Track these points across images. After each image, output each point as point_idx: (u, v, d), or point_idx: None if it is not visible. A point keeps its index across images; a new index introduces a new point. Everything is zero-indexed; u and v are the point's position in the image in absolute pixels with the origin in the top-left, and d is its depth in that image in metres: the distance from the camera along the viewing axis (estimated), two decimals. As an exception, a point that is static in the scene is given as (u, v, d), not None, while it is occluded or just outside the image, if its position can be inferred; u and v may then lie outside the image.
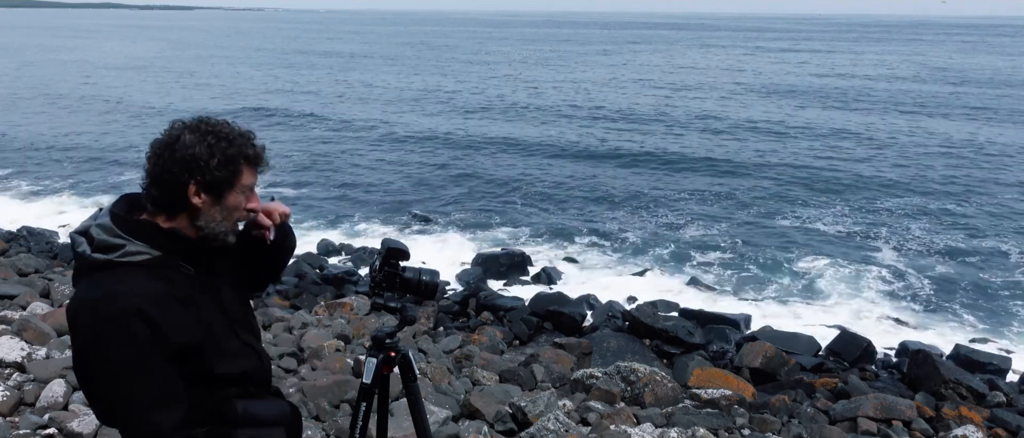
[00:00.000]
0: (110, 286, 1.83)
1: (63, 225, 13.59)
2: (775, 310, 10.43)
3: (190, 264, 1.97)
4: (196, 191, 1.92)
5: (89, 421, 4.53)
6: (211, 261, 2.02)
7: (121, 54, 57.36)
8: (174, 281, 1.91)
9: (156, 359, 1.82)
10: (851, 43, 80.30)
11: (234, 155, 1.95)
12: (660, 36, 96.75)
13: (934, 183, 17.45)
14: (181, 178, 1.90)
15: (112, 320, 1.78)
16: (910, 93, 33.95)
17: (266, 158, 2.07)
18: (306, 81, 39.29)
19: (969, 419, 6.46)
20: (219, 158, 1.92)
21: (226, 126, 1.99)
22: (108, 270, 1.86)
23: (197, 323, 1.92)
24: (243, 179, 1.99)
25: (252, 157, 2.01)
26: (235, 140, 1.98)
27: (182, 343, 1.86)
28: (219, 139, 1.95)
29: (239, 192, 1.99)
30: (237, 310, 2.14)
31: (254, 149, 2.02)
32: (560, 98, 32.33)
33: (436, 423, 4.94)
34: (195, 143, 1.91)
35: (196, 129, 1.95)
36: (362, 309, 8.49)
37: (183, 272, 1.95)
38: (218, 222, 1.98)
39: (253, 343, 2.15)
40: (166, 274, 1.90)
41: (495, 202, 15.85)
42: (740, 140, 22.54)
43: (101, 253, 1.87)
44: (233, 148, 1.96)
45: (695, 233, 13.69)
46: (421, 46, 72.27)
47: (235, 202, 1.99)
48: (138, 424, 1.84)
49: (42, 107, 28.73)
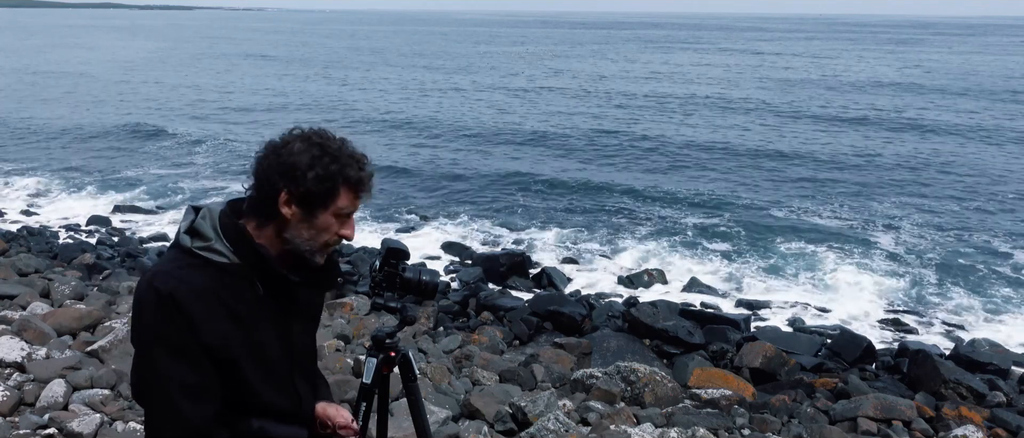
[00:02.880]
0: (173, 267, 1.81)
1: (63, 224, 13.61)
2: (775, 310, 10.43)
3: (266, 285, 1.90)
4: (287, 201, 1.85)
5: (89, 421, 4.54)
6: (291, 290, 1.95)
7: (114, 55, 57.35)
8: (237, 294, 1.85)
9: (193, 348, 1.78)
10: (850, 43, 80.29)
11: (334, 173, 1.85)
12: (659, 36, 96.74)
13: (935, 182, 17.44)
14: (276, 184, 1.84)
15: (158, 300, 1.76)
16: (910, 93, 33.94)
17: (371, 186, 1.94)
18: (305, 80, 39.30)
19: (969, 419, 6.46)
20: (318, 172, 1.83)
21: (338, 143, 1.90)
22: (184, 254, 1.84)
23: (241, 341, 1.85)
24: (339, 200, 1.88)
25: (354, 180, 1.89)
26: (341, 158, 1.87)
27: (216, 350, 1.81)
28: (325, 153, 1.85)
29: (332, 214, 1.89)
30: (304, 348, 2.07)
31: (359, 173, 1.90)
32: (560, 98, 32.33)
33: (436, 423, 4.94)
34: (301, 152, 1.84)
35: (308, 138, 1.87)
36: (362, 309, 8.49)
37: (254, 290, 1.88)
38: (305, 240, 1.89)
39: (302, 388, 2.06)
40: (234, 284, 1.85)
41: (495, 202, 15.85)
42: (740, 140, 22.53)
43: (189, 237, 1.85)
44: (335, 165, 1.85)
45: (695, 233, 13.69)
46: (421, 46, 72.26)
47: (326, 223, 1.89)
48: (164, 410, 1.80)
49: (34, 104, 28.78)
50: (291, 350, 2.00)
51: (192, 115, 27.06)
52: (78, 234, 13.01)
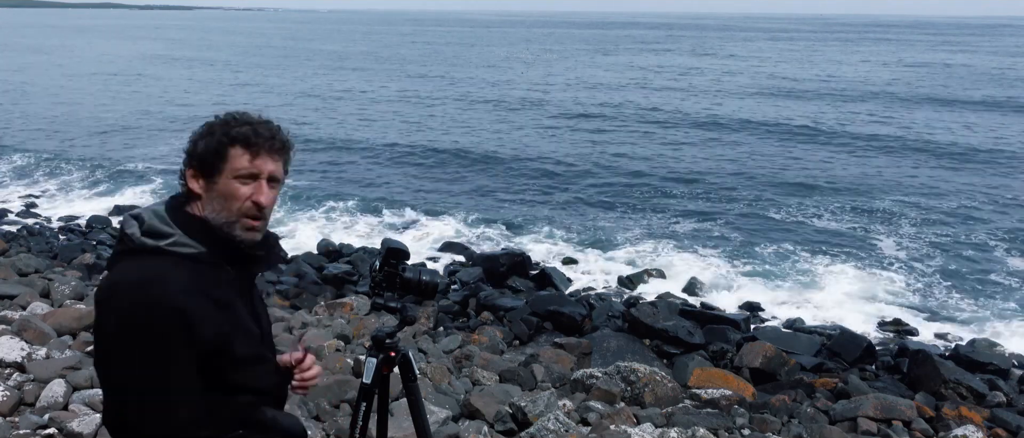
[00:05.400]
0: (153, 273, 1.77)
1: (63, 224, 13.61)
2: (775, 310, 10.43)
3: (232, 267, 1.91)
4: (193, 175, 1.88)
5: (89, 421, 4.53)
6: (250, 267, 1.97)
7: (111, 56, 57.34)
8: (216, 280, 1.85)
9: (183, 354, 1.76)
10: (851, 42, 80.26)
11: (221, 134, 1.85)
12: (659, 36, 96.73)
13: (935, 182, 17.44)
14: (183, 165, 1.90)
15: (148, 306, 1.72)
16: (910, 92, 33.93)
17: (272, 144, 1.88)
18: (304, 80, 39.29)
19: (969, 419, 6.46)
20: (206, 137, 1.86)
21: (236, 113, 1.90)
22: (155, 256, 1.80)
23: (230, 326, 1.86)
24: (233, 161, 1.84)
25: (241, 137, 1.84)
26: (230, 122, 1.87)
27: (211, 343, 1.80)
28: (216, 122, 1.88)
29: (232, 177, 1.84)
30: (268, 322, 2.09)
31: (246, 129, 1.85)
32: (560, 98, 32.32)
33: (436, 423, 4.94)
34: (199, 129, 1.89)
35: (214, 118, 1.91)
36: (362, 309, 8.49)
37: (226, 273, 1.88)
38: (218, 212, 1.85)
39: (273, 356, 2.08)
40: (210, 272, 1.84)
41: (495, 202, 15.85)
42: (740, 140, 22.52)
43: (151, 238, 1.81)
44: (223, 128, 1.86)
45: (695, 233, 13.69)
46: (421, 46, 72.25)
47: (229, 190, 1.84)
48: (154, 413, 1.75)
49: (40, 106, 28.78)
50: (262, 326, 2.01)
51: (192, 115, 27.05)
52: (78, 234, 13.01)
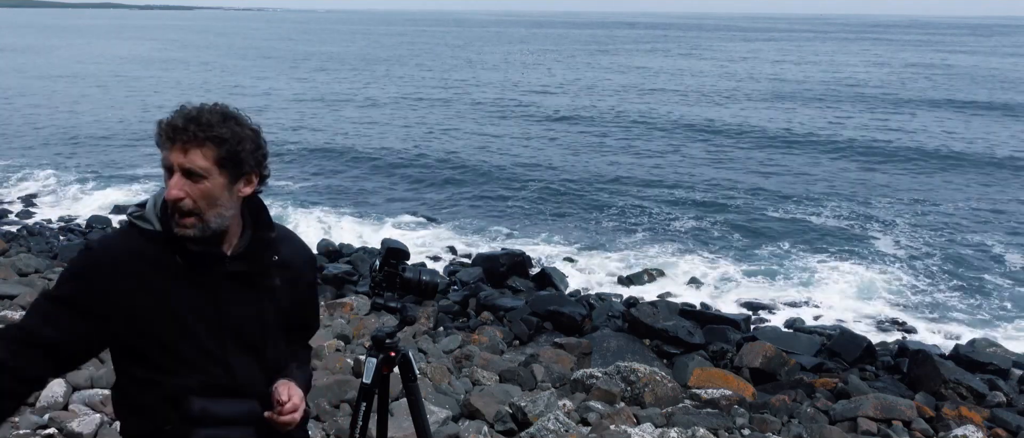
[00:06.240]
0: (109, 238, 1.94)
1: (63, 224, 13.61)
2: (775, 310, 10.43)
3: (185, 256, 1.87)
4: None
5: (89, 421, 4.53)
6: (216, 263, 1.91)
7: (109, 56, 57.33)
8: (156, 261, 1.87)
9: (63, 310, 1.83)
10: (849, 42, 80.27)
11: (159, 125, 1.85)
12: (658, 36, 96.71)
13: (935, 182, 17.44)
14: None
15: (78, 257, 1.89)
16: (911, 92, 33.94)
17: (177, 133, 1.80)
18: (304, 80, 39.29)
19: (969, 419, 6.46)
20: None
21: (183, 105, 1.90)
22: (128, 227, 1.93)
23: (151, 304, 1.84)
24: (164, 154, 1.84)
25: (163, 126, 1.83)
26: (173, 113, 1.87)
27: (107, 300, 1.83)
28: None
29: (166, 169, 1.85)
30: (242, 322, 1.96)
31: (165, 121, 1.83)
32: (560, 98, 32.33)
33: (436, 423, 4.94)
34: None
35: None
36: (362, 309, 8.49)
37: (175, 260, 1.87)
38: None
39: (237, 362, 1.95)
40: (155, 252, 1.87)
41: (495, 202, 15.85)
42: (740, 140, 22.53)
43: (134, 210, 1.95)
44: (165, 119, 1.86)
45: (695, 233, 13.69)
46: (421, 46, 72.25)
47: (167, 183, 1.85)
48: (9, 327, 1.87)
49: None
50: (223, 323, 1.92)
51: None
52: (78, 234, 13.01)
